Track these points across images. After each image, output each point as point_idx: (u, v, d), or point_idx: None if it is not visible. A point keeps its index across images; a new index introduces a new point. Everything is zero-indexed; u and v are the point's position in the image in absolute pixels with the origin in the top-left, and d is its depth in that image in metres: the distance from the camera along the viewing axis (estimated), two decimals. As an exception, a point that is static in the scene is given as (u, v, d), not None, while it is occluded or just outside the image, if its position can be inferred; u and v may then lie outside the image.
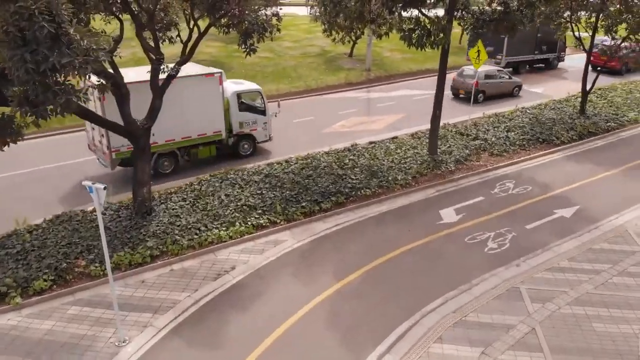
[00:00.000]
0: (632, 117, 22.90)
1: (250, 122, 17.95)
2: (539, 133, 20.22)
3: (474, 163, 17.74)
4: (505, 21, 16.04)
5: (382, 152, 18.13)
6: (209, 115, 16.50)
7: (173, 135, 15.97)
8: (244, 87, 18.24)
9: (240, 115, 17.67)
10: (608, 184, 16.36)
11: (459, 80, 26.60)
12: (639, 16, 19.97)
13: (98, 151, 16.02)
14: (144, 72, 14.27)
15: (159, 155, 16.04)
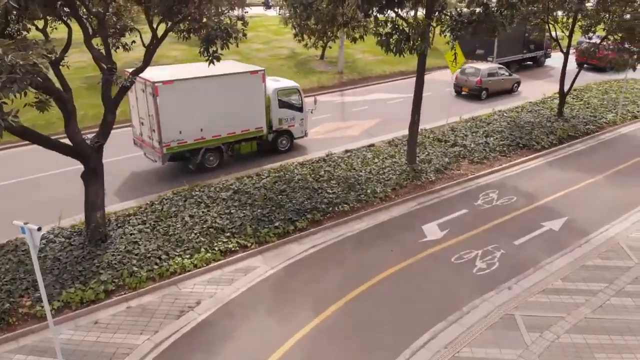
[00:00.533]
0: (610, 119, 22.54)
1: (288, 119, 18.32)
2: (518, 138, 19.57)
3: (454, 172, 16.91)
4: (485, 23, 15.23)
5: (359, 161, 17.14)
6: (252, 112, 16.87)
7: (219, 131, 16.25)
8: (283, 84, 18.54)
9: (280, 112, 18.01)
10: (594, 191, 15.75)
11: (462, 79, 26.77)
12: (617, 15, 19.54)
13: (146, 146, 16.15)
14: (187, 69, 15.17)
15: (206, 150, 16.30)
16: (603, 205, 14.75)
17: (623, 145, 19.94)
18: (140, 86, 15.15)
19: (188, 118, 15.30)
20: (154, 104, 14.57)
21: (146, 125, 15.60)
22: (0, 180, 16.14)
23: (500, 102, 25.45)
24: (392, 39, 12.80)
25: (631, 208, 14.61)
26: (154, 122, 14.88)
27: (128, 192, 15.30)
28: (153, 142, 15.45)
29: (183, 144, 15.46)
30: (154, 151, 15.62)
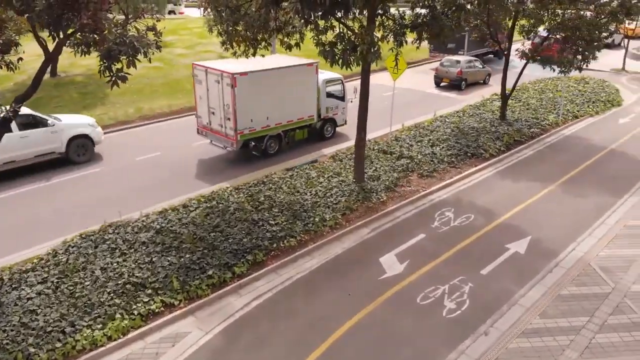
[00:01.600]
0: (552, 120, 22.20)
1: (333, 107, 19.86)
2: (465, 146, 18.55)
3: (405, 189, 15.51)
4: (431, 26, 13.89)
5: (303, 182, 15.32)
6: (307, 101, 18.33)
7: (281, 119, 17.66)
8: (329, 75, 19.83)
9: (327, 101, 19.53)
10: (552, 203, 14.89)
11: (442, 70, 28.90)
12: (559, 15, 19.04)
13: (216, 134, 17.44)
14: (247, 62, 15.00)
15: (269, 137, 17.62)
16: (564, 219, 13.87)
17: (569, 149, 19.48)
18: (214, 77, 16.41)
19: (257, 107, 16.71)
20: (232, 94, 15.91)
21: (217, 114, 16.89)
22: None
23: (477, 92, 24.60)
24: (337, 49, 11.06)
25: (592, 221, 13.83)
26: (229, 111, 16.26)
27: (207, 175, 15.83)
28: (226, 130, 16.73)
29: (253, 131, 16.94)
30: (226, 138, 16.97)
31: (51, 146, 16.72)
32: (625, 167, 17.64)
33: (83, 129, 17.46)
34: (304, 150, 18.78)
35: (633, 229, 13.35)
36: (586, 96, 26.05)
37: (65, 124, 17.14)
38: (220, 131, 17.13)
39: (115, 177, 16.45)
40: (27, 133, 16.05)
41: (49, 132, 16.56)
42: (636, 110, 25.01)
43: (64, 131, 16.94)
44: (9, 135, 14.64)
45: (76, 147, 17.25)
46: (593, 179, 16.59)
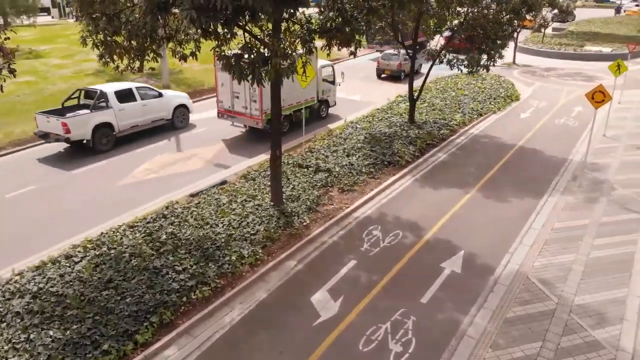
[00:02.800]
0: (459, 119, 22.15)
1: (327, 90, 22.55)
2: (381, 154, 17.68)
3: (327, 207, 14.20)
4: (341, 32, 12.68)
5: (212, 210, 13.42)
6: (310, 85, 19.72)
7: (292, 100, 20.02)
8: (323, 62, 22.12)
9: (323, 85, 22.14)
10: (475, 210, 14.37)
11: (384, 63, 31.52)
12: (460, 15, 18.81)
13: (239, 116, 19.49)
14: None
15: (284, 117, 18.75)
16: (492, 228, 13.36)
17: (481, 149, 19.40)
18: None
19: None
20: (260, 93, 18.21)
21: (242, 98, 18.92)
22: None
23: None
24: (243, 63, 9.34)
25: (519, 226, 13.46)
26: (255, 95, 18.43)
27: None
28: (252, 111, 18.99)
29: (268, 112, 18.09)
30: (252, 118, 19.20)
31: (162, 113, 20.61)
32: (537, 165, 17.79)
33: (183, 99, 21.67)
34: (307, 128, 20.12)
35: (561, 231, 13.14)
36: (487, 93, 26.60)
37: (171, 95, 21.38)
38: (244, 113, 19.38)
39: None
40: (146, 102, 19.84)
41: (162, 101, 20.47)
42: (534, 104, 25.95)
43: (171, 101, 20.95)
44: (135, 104, 19.36)
45: (178, 115, 21.26)
46: (510, 180, 16.45)
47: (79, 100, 19.45)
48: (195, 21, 7.71)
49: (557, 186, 16.07)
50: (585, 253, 12.08)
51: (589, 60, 38.62)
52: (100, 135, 18.33)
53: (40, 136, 18.07)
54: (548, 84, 30.74)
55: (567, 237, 12.83)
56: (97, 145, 18.23)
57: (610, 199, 14.96)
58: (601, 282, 10.96)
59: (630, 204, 14.62)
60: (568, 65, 36.63)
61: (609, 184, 16.03)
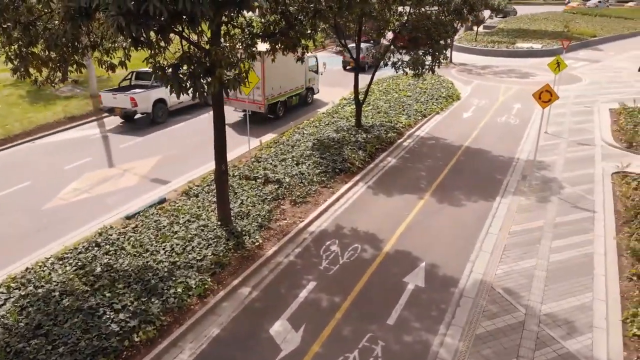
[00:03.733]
0: (405, 121, 21.89)
1: (312, 79, 24.90)
2: (332, 161, 16.99)
3: (280, 223, 13.31)
4: (286, 36, 11.85)
5: (152, 234, 12.18)
6: (300, 75, 22.85)
7: (286, 88, 22.68)
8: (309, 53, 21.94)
9: (309, 74, 24.40)
10: (431, 217, 13.97)
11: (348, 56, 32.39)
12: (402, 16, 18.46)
13: (242, 102, 21.70)
14: None
15: (281, 102, 22.55)
16: (450, 235, 12.99)
17: (429, 152, 19.16)
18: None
19: (274, 79, 21.35)
20: (262, 71, 20.16)
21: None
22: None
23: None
24: (182, 74, 8.25)
25: (476, 232, 13.16)
26: (259, 83, 19.69)
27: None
28: (255, 97, 21.03)
29: (272, 96, 21.75)
30: (255, 104, 21.27)
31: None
32: (486, 166, 17.74)
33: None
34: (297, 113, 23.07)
35: (518, 235, 12.96)
36: (428, 93, 26.61)
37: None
38: (247, 99, 21.21)
39: None
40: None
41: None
42: (474, 102, 26.21)
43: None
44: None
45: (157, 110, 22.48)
46: (461, 183, 16.24)
47: (130, 81, 22.86)
48: (123, 29, 6.60)
49: (508, 187, 16.02)
50: (545, 257, 11.93)
51: (521, 57, 39.93)
52: (158, 109, 22.01)
53: (106, 111, 22.00)
54: (485, 82, 31.31)
55: (525, 241, 12.66)
56: (155, 118, 21.97)
57: (560, 198, 15.04)
58: (565, 287, 10.78)
59: (580, 202, 14.74)
60: (502, 63, 37.63)
61: (557, 183, 16.16)
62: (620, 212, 14.04)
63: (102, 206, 14.39)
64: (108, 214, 13.96)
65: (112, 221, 13.32)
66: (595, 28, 52.68)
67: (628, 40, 50.47)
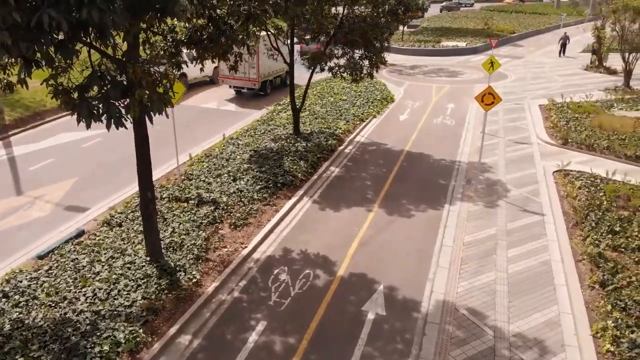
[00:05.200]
0: (344, 127, 21.05)
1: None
2: (272, 175, 15.79)
3: (220, 252, 11.95)
4: (215, 42, 10.54)
5: (70, 277, 10.42)
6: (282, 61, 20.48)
7: (274, 69, 27.23)
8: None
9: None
10: (382, 232, 13.16)
11: (305, 48, 30.83)
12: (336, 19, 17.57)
13: (239, 80, 25.96)
14: None
15: (269, 82, 27.28)
16: (404, 251, 12.22)
17: (371, 158, 18.43)
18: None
19: (265, 63, 25.80)
20: (257, 56, 24.62)
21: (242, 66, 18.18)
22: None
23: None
24: (92, 98, 6.70)
25: (430, 245, 12.49)
26: (254, 63, 25.04)
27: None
28: (250, 75, 25.86)
29: (263, 76, 26.40)
30: (250, 81, 26.13)
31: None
32: (429, 171, 17.25)
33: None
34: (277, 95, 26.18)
35: (472, 246, 12.43)
36: (363, 96, 26.01)
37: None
38: (243, 77, 25.62)
39: None
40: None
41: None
42: (409, 104, 25.92)
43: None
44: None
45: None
46: (408, 190, 15.60)
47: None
48: (11, 49, 5.05)
49: (454, 192, 15.57)
50: (503, 269, 11.43)
51: (447, 55, 40.54)
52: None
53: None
54: (417, 82, 31.26)
55: (481, 252, 12.13)
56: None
57: (508, 202, 14.76)
58: (529, 302, 10.29)
59: (528, 205, 14.52)
60: (430, 62, 37.94)
61: (502, 185, 15.93)
62: (569, 213, 13.92)
63: (8, 244, 12.32)
64: (16, 254, 11.96)
65: (21, 263, 11.40)
66: (513, 24, 54.88)
67: (544, 35, 52.98)
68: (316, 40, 18.14)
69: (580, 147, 18.91)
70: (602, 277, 10.65)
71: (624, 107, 23.91)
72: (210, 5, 10.53)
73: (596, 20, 34.10)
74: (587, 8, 64.11)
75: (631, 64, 27.15)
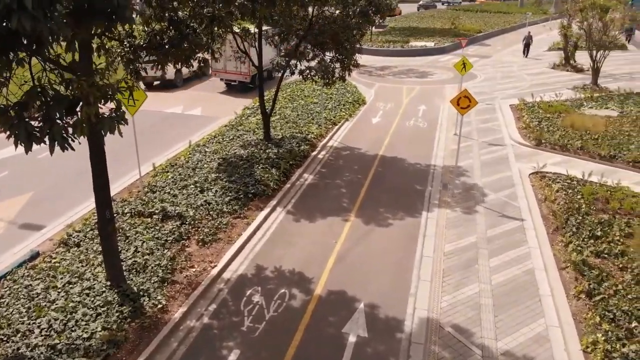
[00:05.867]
0: (316, 131, 20.40)
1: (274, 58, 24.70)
2: (242, 185, 15.02)
3: (187, 272, 11.13)
4: (178, 47, 9.74)
5: (23, 307, 9.48)
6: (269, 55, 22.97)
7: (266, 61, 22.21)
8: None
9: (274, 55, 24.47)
10: (360, 243, 12.58)
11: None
12: (305, 20, 16.91)
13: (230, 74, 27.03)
14: None
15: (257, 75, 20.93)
16: (383, 264, 11.66)
17: (345, 164, 17.84)
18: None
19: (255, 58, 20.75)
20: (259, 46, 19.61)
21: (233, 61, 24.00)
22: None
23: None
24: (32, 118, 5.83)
25: (410, 256, 11.97)
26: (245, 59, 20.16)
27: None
28: (242, 69, 26.08)
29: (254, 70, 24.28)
30: (241, 74, 26.70)
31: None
32: (405, 176, 16.79)
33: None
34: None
35: (453, 256, 11.98)
36: (335, 99, 25.42)
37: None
38: (235, 71, 26.40)
39: None
40: None
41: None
42: (380, 106, 25.47)
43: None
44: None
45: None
46: (384, 197, 15.09)
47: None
48: None
49: (431, 198, 15.13)
50: (487, 280, 11.00)
51: (416, 55, 40.35)
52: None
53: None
54: (387, 83, 30.87)
55: (463, 263, 11.69)
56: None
57: (486, 207, 14.41)
58: (515, 315, 9.87)
59: (506, 210, 14.20)
60: (399, 63, 37.64)
61: (479, 190, 15.59)
62: (549, 217, 13.65)
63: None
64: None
65: (-35, 292, 10.31)
66: (479, 24, 55.30)
67: (509, 34, 53.52)
68: (285, 43, 17.37)
69: (554, 148, 18.78)
70: (588, 287, 10.33)
71: (593, 106, 24.04)
72: (171, 7, 9.77)
73: (562, 18, 34.37)
74: (550, 7, 65.28)
75: (598, 62, 27.39)
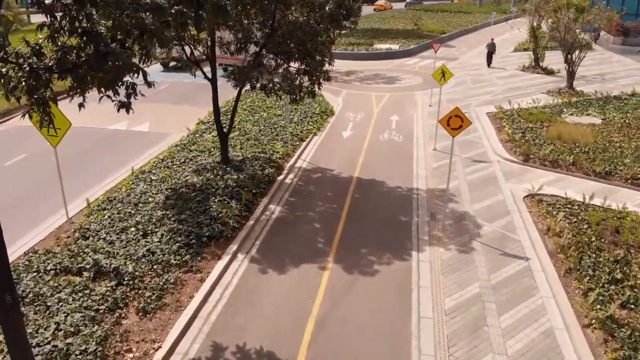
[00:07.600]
0: (282, 150, 18.00)
1: None
2: (195, 225, 12.50)
3: (126, 357, 8.53)
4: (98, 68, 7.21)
5: None
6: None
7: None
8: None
9: None
10: (343, 301, 10.29)
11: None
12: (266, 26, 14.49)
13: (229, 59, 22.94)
14: None
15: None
16: (376, 331, 9.41)
17: (317, 191, 15.53)
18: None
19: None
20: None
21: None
22: None
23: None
24: None
25: (406, 318, 9.77)
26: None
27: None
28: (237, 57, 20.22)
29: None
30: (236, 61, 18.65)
31: None
32: (385, 203, 14.65)
33: None
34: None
35: (457, 314, 9.86)
36: (301, 110, 23.05)
37: None
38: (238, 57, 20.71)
39: None
40: None
41: None
42: (350, 117, 23.32)
43: None
44: None
45: None
46: (365, 234, 12.90)
47: None
48: None
49: (419, 232, 13.04)
50: (501, 349, 8.93)
51: (382, 59, 38.46)
52: None
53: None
54: (354, 90, 28.81)
55: (469, 324, 9.58)
56: None
57: (483, 243, 12.42)
58: (547, 405, 7.79)
59: (507, 246, 12.26)
60: (365, 67, 35.56)
61: (471, 219, 13.62)
62: (556, 255, 11.75)
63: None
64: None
65: None
66: (441, 24, 54.15)
67: (473, 34, 52.57)
68: (243, 52, 14.89)
69: (544, 164, 17.09)
70: (623, 355, 8.41)
71: (574, 112, 22.67)
72: (85, 16, 7.19)
73: (530, 18, 33.14)
74: (510, 6, 64.98)
75: (574, 65, 26.12)
